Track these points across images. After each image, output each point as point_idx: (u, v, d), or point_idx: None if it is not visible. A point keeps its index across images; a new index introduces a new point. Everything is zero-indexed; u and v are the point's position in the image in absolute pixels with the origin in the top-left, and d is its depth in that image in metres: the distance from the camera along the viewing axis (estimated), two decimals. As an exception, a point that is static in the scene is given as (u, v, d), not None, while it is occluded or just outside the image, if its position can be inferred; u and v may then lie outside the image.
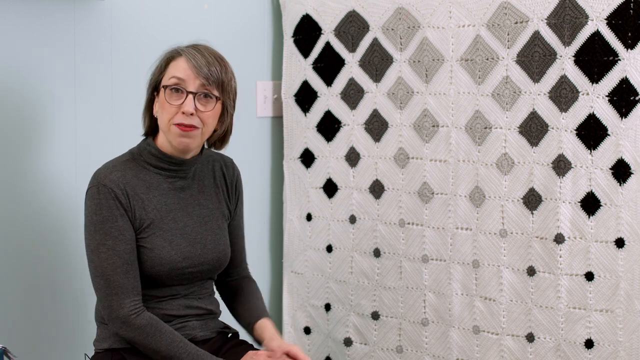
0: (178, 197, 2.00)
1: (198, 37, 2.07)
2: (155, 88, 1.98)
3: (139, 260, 1.92)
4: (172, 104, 1.91)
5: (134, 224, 1.92)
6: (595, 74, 2.27)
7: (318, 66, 2.77)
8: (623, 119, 2.24)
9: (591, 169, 2.30)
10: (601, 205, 2.29)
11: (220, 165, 2.11)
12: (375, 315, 2.70)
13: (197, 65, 1.91)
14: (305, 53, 2.79)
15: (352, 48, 2.69)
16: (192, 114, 1.90)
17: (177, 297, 1.99)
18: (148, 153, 1.97)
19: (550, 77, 2.33)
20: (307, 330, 2.85)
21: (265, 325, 2.05)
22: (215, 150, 2.10)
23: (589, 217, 2.31)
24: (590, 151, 2.29)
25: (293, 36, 2.81)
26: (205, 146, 2.07)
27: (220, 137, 2.04)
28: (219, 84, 1.93)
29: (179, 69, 1.92)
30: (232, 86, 1.98)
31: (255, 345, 2.10)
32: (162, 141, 1.97)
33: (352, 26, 2.68)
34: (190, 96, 1.91)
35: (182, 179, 2.01)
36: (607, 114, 2.26)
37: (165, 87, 1.92)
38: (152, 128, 2.01)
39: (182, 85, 1.91)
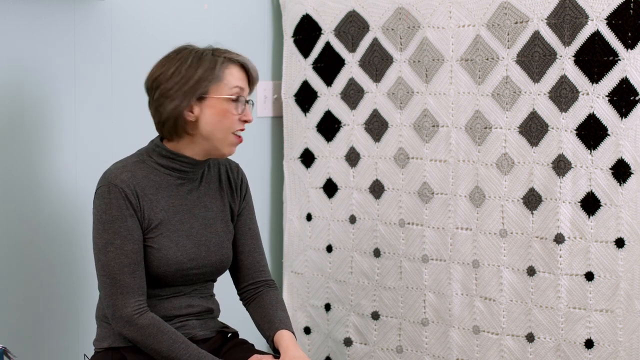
0: (185, 198, 2.00)
1: (200, 38, 2.06)
2: (200, 95, 1.92)
3: (146, 260, 1.93)
4: (236, 113, 1.94)
5: (142, 224, 1.92)
6: (595, 74, 2.27)
7: (318, 66, 2.77)
8: (623, 119, 2.24)
9: (591, 169, 2.30)
10: (601, 205, 2.29)
11: (226, 169, 2.11)
12: (375, 315, 2.70)
13: (255, 72, 1.97)
14: (305, 53, 2.79)
15: (352, 48, 2.69)
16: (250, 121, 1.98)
17: (179, 295, 2.00)
18: (158, 155, 1.97)
19: (550, 77, 2.33)
20: (307, 330, 2.86)
21: (281, 337, 2.00)
22: None
23: (589, 217, 2.31)
24: (590, 151, 2.29)
25: (293, 36, 2.81)
26: None
27: None
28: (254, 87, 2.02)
29: (238, 78, 1.95)
30: None
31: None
32: (185, 145, 1.96)
33: (352, 26, 2.68)
34: (248, 105, 1.96)
35: (190, 181, 2.02)
36: (607, 114, 2.26)
37: (230, 97, 1.93)
38: (174, 133, 1.96)
39: (241, 94, 1.95)
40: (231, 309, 2.27)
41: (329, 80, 2.75)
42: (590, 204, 2.30)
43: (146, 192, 1.93)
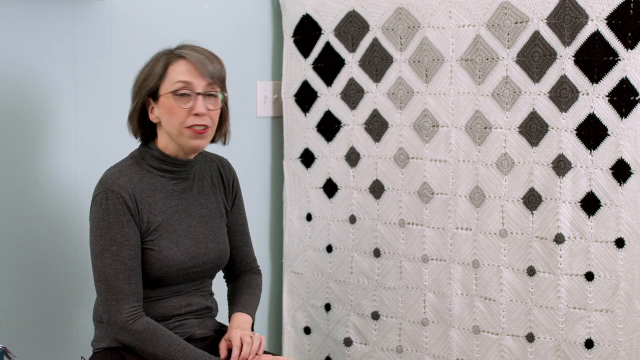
0: (181, 198, 2.01)
1: (200, 38, 2.07)
2: (151, 94, 1.96)
3: (147, 263, 1.93)
4: (182, 107, 1.92)
5: (141, 228, 1.93)
6: (595, 74, 2.27)
7: (318, 66, 2.77)
8: (623, 119, 2.24)
9: (591, 169, 2.30)
10: (601, 205, 2.29)
11: (217, 165, 2.13)
12: (375, 315, 2.70)
13: (202, 64, 1.92)
14: (305, 53, 2.79)
15: (352, 48, 2.69)
16: (204, 115, 1.92)
17: (179, 294, 2.01)
18: (151, 157, 1.98)
19: (550, 77, 2.33)
20: (307, 330, 2.85)
21: (234, 318, 2.06)
22: (217, 146, 2.11)
23: (589, 217, 2.31)
24: (590, 151, 2.29)
25: (293, 36, 2.81)
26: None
27: (225, 131, 2.07)
28: (221, 80, 1.97)
29: (182, 72, 1.93)
30: (225, 79, 2.02)
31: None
32: (166, 144, 1.98)
33: (352, 26, 2.68)
34: (200, 97, 1.92)
35: (184, 180, 2.02)
36: (607, 114, 2.26)
37: (173, 92, 1.92)
38: (145, 133, 2.01)
39: (189, 88, 1.92)
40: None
41: (329, 80, 2.75)
42: (590, 204, 2.30)
43: (144, 196, 1.94)
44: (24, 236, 2.23)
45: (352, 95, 2.70)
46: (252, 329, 2.10)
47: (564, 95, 2.32)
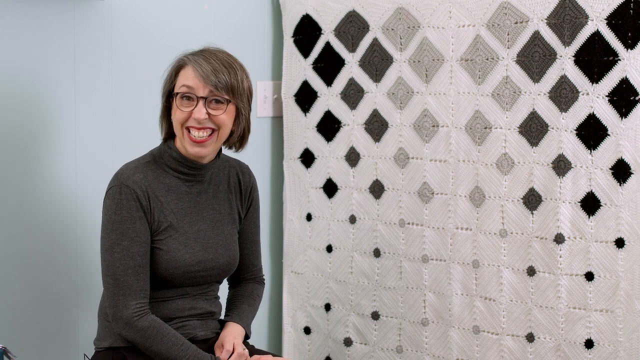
0: (194, 201, 2.02)
1: (200, 38, 2.07)
2: (169, 95, 2.00)
3: (154, 262, 1.94)
4: (183, 110, 1.94)
5: (151, 226, 1.93)
6: (595, 74, 2.27)
7: (318, 66, 2.77)
8: (623, 119, 2.24)
9: (591, 169, 2.30)
10: (601, 205, 2.29)
11: (236, 171, 2.13)
12: (375, 315, 2.70)
13: (204, 74, 1.92)
14: (305, 53, 2.79)
15: (352, 48, 2.69)
16: (205, 119, 1.92)
17: (184, 297, 2.01)
18: (169, 156, 1.99)
19: (550, 77, 2.33)
20: (307, 330, 2.85)
21: (228, 327, 2.07)
22: (234, 152, 2.11)
23: (589, 217, 2.31)
24: (590, 151, 2.29)
25: (293, 36, 2.81)
26: (223, 149, 2.08)
27: (239, 138, 2.05)
28: (228, 89, 1.95)
29: (188, 78, 1.94)
30: (245, 88, 1.99)
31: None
32: (179, 145, 1.99)
33: (352, 26, 2.68)
34: (201, 102, 1.93)
35: (198, 183, 2.03)
36: (607, 114, 2.26)
37: (176, 94, 1.95)
38: (170, 133, 2.03)
39: (192, 92, 1.93)
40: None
41: (329, 80, 2.75)
42: (590, 204, 2.30)
43: (157, 194, 1.95)
44: (24, 236, 2.23)
45: (352, 95, 2.70)
46: (247, 338, 2.12)
47: (564, 95, 2.32)
